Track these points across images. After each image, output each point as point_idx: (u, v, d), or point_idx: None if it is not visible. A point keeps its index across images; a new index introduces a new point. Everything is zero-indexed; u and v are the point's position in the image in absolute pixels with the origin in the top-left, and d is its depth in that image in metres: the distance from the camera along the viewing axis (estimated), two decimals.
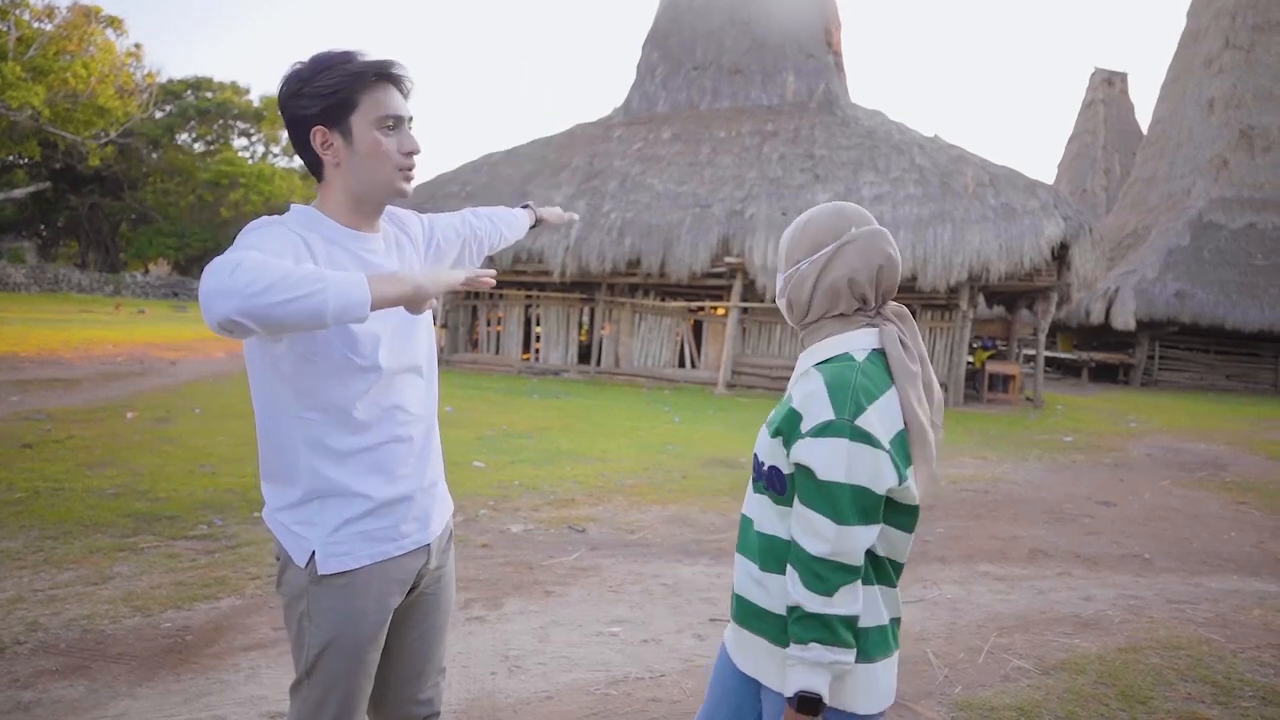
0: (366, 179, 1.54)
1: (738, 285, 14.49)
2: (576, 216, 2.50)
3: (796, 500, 1.36)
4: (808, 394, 1.36)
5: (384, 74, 1.51)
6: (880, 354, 1.42)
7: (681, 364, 15.59)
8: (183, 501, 5.38)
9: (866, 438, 1.31)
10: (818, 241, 1.47)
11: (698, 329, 15.78)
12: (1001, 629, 3.95)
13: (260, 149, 47.82)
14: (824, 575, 1.31)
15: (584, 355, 16.78)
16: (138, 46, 38.20)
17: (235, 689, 2.97)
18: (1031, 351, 19.64)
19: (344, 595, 1.55)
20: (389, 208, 1.69)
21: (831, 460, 1.30)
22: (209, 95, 44.48)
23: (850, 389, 1.33)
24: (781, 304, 1.56)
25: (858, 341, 1.43)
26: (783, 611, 1.40)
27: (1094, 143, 36.71)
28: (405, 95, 1.58)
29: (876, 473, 1.31)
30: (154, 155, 42.65)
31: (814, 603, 1.31)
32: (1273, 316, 20.47)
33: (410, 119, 1.57)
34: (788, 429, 1.37)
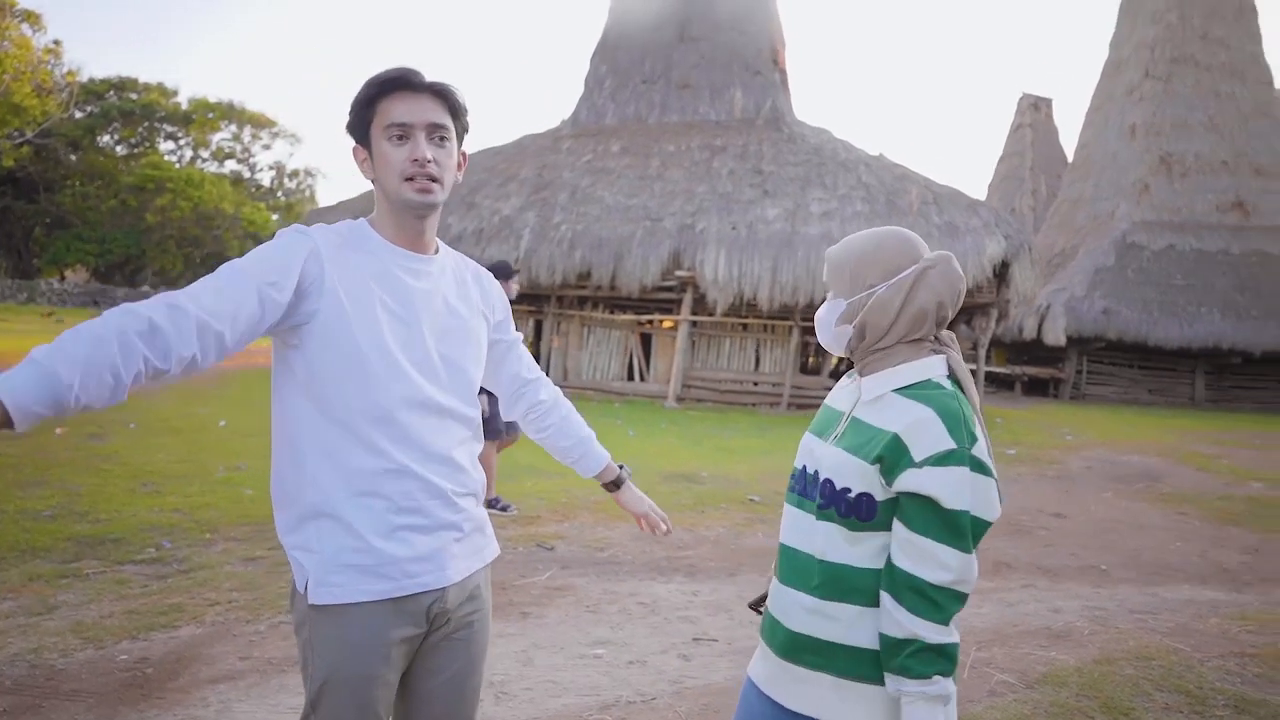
0: (386, 191, 1.55)
1: (688, 299, 14.53)
2: (668, 530, 2.01)
3: (906, 529, 1.33)
4: (916, 421, 1.33)
5: (394, 83, 1.51)
6: (953, 380, 1.42)
7: (631, 377, 15.55)
8: (126, 523, 5.09)
9: (983, 467, 1.32)
10: (896, 265, 1.44)
11: (646, 342, 15.77)
12: (979, 643, 3.98)
13: (189, 153, 46.18)
14: (942, 604, 1.31)
15: None
16: (57, 43, 36.70)
17: None
18: (972, 366, 20.21)
19: (340, 626, 1.48)
20: (484, 273, 1.78)
21: (958, 490, 1.30)
22: (133, 96, 42.71)
23: (961, 418, 1.33)
24: (840, 330, 1.49)
25: (935, 369, 1.42)
26: (855, 643, 1.37)
27: (1022, 164, 38.08)
28: (449, 104, 1.55)
29: (991, 502, 1.33)
30: (73, 157, 40.74)
31: (935, 633, 1.30)
32: (1190, 334, 21.48)
33: (430, 126, 1.51)
34: (892, 457, 1.33)
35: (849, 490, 1.37)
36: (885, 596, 1.34)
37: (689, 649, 3.74)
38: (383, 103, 1.50)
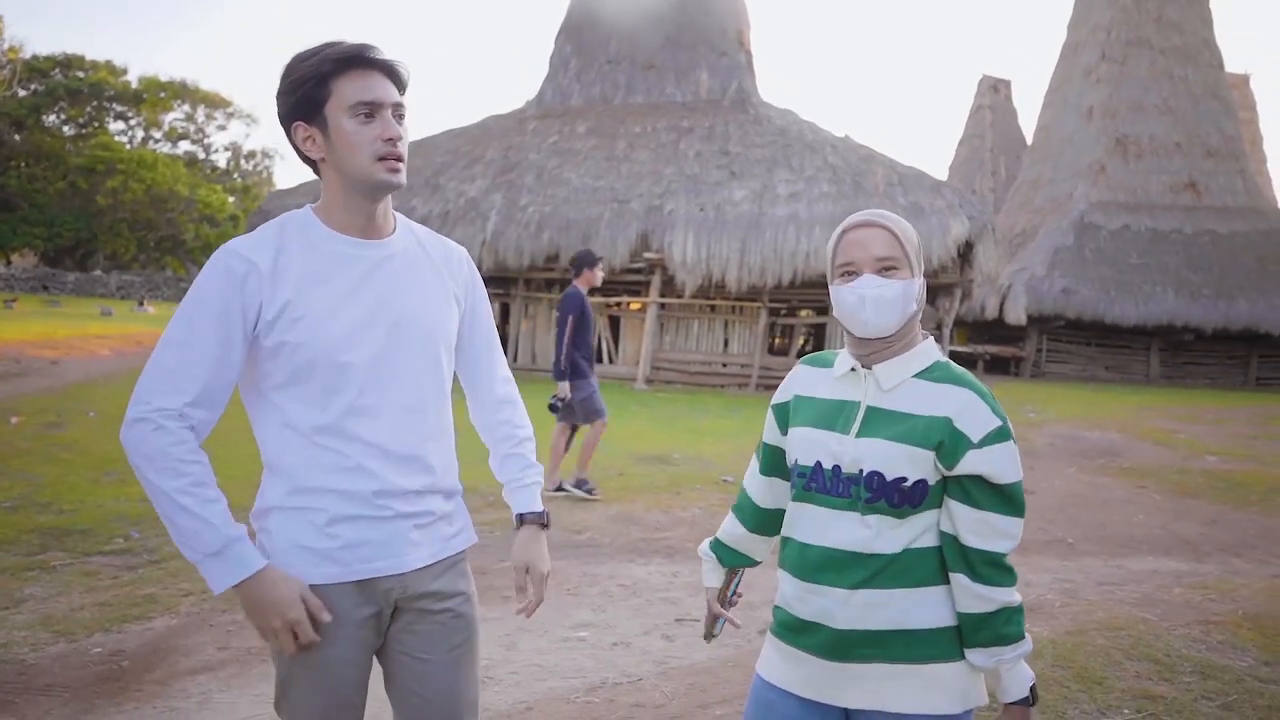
0: (348, 172, 1.48)
1: (656, 280, 14.52)
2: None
3: (974, 509, 1.37)
4: (964, 404, 1.37)
5: (355, 59, 1.45)
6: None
7: (599, 359, 15.52)
8: (92, 513, 4.97)
9: (1015, 438, 1.42)
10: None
11: (615, 324, 15.74)
12: None
13: (140, 134, 44.87)
14: (1010, 568, 1.39)
15: None
16: None
17: (188, 717, 2.74)
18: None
19: None
20: (460, 252, 1.73)
21: (1012, 463, 1.37)
22: (80, 75, 41.28)
23: (992, 396, 1.40)
24: (903, 312, 1.41)
25: (936, 350, 1.46)
26: (908, 626, 1.39)
27: (982, 146, 38.53)
28: (398, 82, 1.51)
29: (1020, 467, 1.41)
30: (17, 137, 39.34)
31: (1015, 594, 1.39)
32: (1145, 312, 22.00)
33: (395, 105, 1.48)
34: (951, 441, 1.36)
35: (903, 479, 1.37)
36: (961, 578, 1.38)
37: (672, 629, 3.76)
38: (341, 79, 1.44)
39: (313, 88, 1.44)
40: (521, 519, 1.74)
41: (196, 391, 1.40)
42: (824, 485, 1.43)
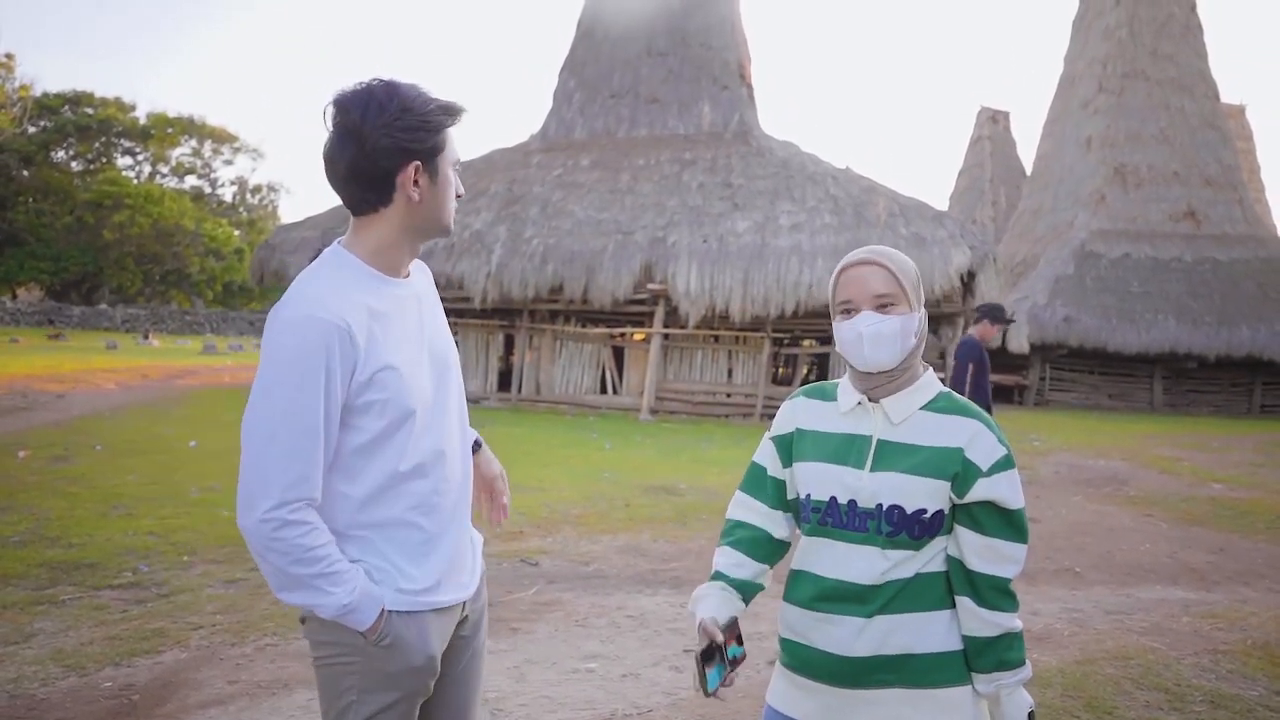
0: (432, 218, 1.54)
1: (660, 311, 14.59)
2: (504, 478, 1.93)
3: (981, 535, 1.42)
4: (974, 435, 1.42)
5: (459, 116, 1.55)
6: None
7: (604, 390, 15.55)
8: (100, 547, 4.98)
9: (1017, 466, 1.48)
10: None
11: (619, 355, 15.78)
12: None
13: (147, 168, 45.37)
14: (1012, 594, 1.44)
15: (503, 382, 16.53)
16: (9, 57, 36.04)
17: None
18: (940, 375, 20.60)
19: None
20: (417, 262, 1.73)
21: (1016, 490, 1.43)
22: (90, 111, 41.86)
23: (997, 425, 1.46)
24: (901, 346, 1.44)
25: (937, 381, 1.51)
26: (924, 650, 1.42)
27: (982, 176, 38.86)
28: None
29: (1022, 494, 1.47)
30: (26, 173, 39.77)
31: (1017, 620, 1.44)
32: (1148, 340, 22.03)
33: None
34: (965, 471, 1.41)
35: (924, 511, 1.41)
36: (966, 602, 1.42)
37: (681, 660, 3.75)
38: (450, 133, 1.53)
39: (435, 134, 1.49)
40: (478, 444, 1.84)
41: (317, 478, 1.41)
42: (840, 520, 1.45)
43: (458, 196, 1.57)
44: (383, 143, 1.42)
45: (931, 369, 1.51)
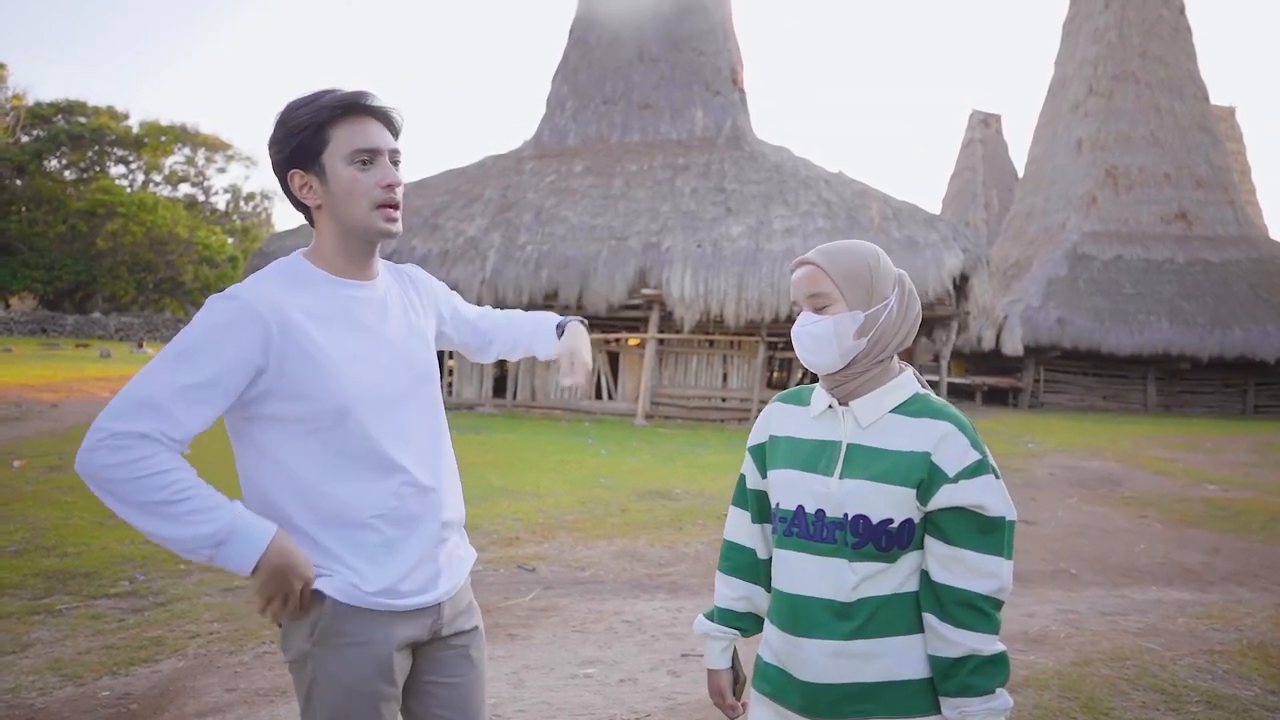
0: (346, 220, 1.48)
1: (655, 316, 14.61)
2: (589, 364, 1.88)
3: (946, 545, 1.31)
4: (942, 438, 1.31)
5: (353, 107, 1.46)
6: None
7: (599, 395, 15.56)
8: (96, 556, 4.97)
9: (998, 473, 1.34)
10: (893, 277, 1.41)
11: (614, 360, 15.80)
12: None
13: (141, 177, 45.28)
14: (990, 613, 1.29)
15: (498, 388, 16.53)
16: (1, 66, 35.83)
17: None
18: (934, 377, 20.57)
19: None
20: (410, 267, 1.74)
21: (997, 498, 1.30)
22: (83, 120, 41.77)
23: (973, 429, 1.34)
24: (855, 344, 1.37)
25: (914, 383, 1.41)
26: (903, 677, 1.32)
27: (974, 179, 39.03)
28: (392, 128, 1.53)
29: (1011, 504, 1.35)
30: (18, 182, 39.68)
31: (990, 644, 1.29)
32: (1141, 341, 22.12)
33: (392, 151, 1.50)
34: (930, 477, 1.30)
35: (890, 521, 1.31)
36: (931, 618, 1.31)
37: (678, 665, 3.76)
38: (339, 126, 1.44)
39: (310, 135, 1.43)
40: (561, 328, 1.88)
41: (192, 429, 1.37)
42: (806, 530, 1.37)
43: (390, 186, 1.47)
44: (272, 160, 1.49)
45: (911, 369, 1.43)
